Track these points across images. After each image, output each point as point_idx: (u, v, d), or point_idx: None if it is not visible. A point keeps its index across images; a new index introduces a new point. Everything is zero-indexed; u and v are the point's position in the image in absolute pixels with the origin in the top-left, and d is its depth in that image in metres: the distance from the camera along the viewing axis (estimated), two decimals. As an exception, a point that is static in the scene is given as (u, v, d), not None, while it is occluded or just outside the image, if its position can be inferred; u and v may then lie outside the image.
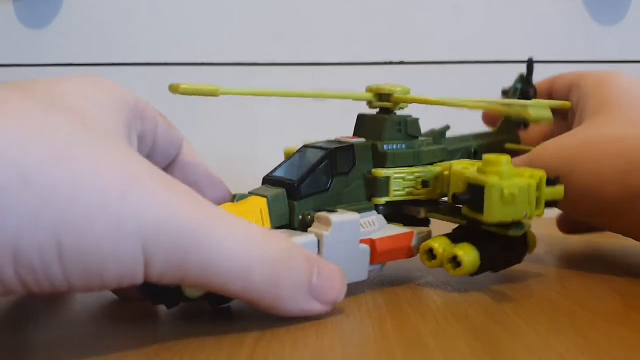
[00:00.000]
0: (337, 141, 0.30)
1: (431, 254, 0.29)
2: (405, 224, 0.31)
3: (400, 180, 0.30)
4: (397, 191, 0.30)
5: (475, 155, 0.37)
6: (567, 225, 0.43)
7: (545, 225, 0.60)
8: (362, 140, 0.30)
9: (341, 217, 0.27)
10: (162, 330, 0.24)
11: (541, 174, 0.27)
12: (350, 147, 0.29)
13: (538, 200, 0.27)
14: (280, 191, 0.27)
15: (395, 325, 0.24)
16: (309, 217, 0.27)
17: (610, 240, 0.46)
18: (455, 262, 0.28)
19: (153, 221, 0.20)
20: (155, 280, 0.21)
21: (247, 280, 0.22)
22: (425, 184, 0.31)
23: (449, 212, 0.31)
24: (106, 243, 0.19)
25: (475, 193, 0.27)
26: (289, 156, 0.31)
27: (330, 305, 0.25)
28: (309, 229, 0.27)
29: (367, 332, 0.24)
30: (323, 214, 0.27)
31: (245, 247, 0.22)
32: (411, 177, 0.30)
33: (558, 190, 0.28)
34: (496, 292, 0.30)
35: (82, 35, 0.62)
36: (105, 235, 0.19)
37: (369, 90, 0.32)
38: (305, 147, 0.30)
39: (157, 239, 0.20)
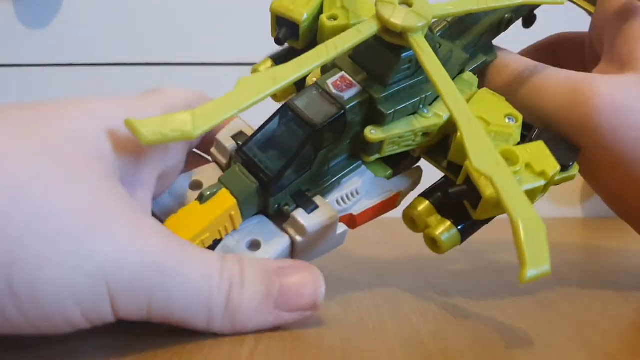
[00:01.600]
0: (327, 94, 0.25)
1: (413, 220, 0.28)
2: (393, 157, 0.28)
3: (396, 139, 0.26)
4: (391, 148, 0.26)
5: (509, 24, 0.30)
6: None
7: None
8: (357, 90, 0.25)
9: (317, 221, 0.25)
10: (160, 331, 0.24)
11: (555, 170, 0.25)
12: (342, 116, 0.25)
13: (544, 187, 0.25)
14: (254, 189, 0.24)
15: (395, 325, 0.24)
16: (286, 207, 0.25)
17: (611, 241, 0.46)
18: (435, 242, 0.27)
19: (116, 261, 0.19)
20: (122, 318, 0.20)
21: (209, 315, 0.22)
22: (426, 134, 0.27)
23: (446, 165, 0.27)
24: (63, 284, 0.18)
25: (471, 192, 0.25)
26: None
27: (306, 311, 0.23)
28: (284, 225, 0.26)
29: (367, 332, 0.24)
30: (299, 216, 0.25)
31: (205, 283, 0.21)
32: (410, 134, 0.26)
33: (570, 175, 0.27)
34: (496, 293, 0.30)
35: (82, 35, 0.62)
36: (61, 275, 0.18)
37: (378, 15, 0.24)
38: (289, 108, 0.25)
39: (121, 278, 0.19)
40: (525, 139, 0.27)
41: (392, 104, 0.25)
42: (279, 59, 0.31)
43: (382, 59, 0.25)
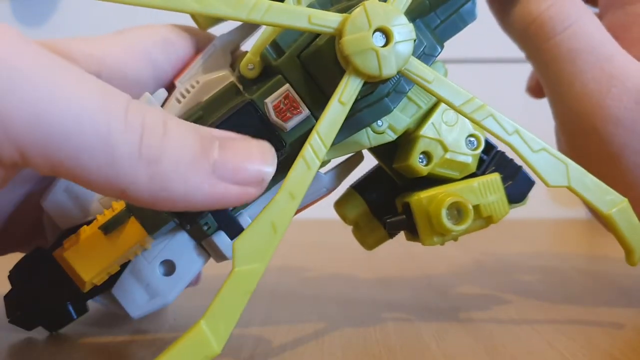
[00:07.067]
0: (267, 120, 0.21)
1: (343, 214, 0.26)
2: None
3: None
4: (334, 156, 0.24)
5: None
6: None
7: (545, 226, 0.60)
8: (302, 118, 0.21)
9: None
10: (158, 335, 0.23)
11: (503, 216, 0.24)
12: (281, 148, 0.21)
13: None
14: (170, 225, 0.21)
15: (396, 327, 0.24)
16: (206, 228, 0.22)
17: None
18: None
19: None
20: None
21: (112, 155, 0.16)
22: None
23: (386, 159, 0.25)
24: None
25: (411, 225, 0.23)
26: None
27: (252, 185, 0.18)
28: (203, 242, 0.23)
29: (368, 333, 0.23)
30: (220, 243, 0.22)
31: (98, 110, 0.16)
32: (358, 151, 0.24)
33: (518, 205, 0.25)
34: (498, 293, 0.29)
35: (78, 34, 0.62)
36: None
37: (350, 17, 0.19)
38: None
39: None
40: (482, 164, 0.25)
41: (341, 134, 0.21)
42: None
43: (337, 79, 0.20)
